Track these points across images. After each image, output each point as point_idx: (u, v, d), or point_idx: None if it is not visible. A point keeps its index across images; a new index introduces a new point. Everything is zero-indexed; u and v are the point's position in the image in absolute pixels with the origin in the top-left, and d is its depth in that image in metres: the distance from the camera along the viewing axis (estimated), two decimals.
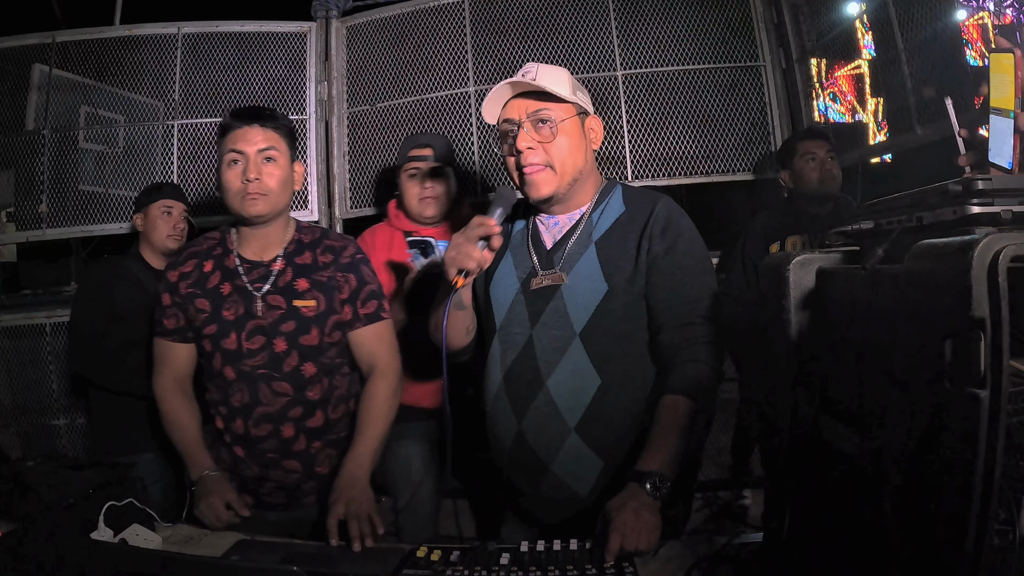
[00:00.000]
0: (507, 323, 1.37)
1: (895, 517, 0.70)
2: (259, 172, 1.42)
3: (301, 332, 1.47)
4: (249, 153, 1.42)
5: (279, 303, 1.47)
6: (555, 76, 1.33)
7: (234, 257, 1.50)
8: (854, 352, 0.82)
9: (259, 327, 1.46)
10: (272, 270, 1.49)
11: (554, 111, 1.31)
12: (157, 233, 2.28)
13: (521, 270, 1.39)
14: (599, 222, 1.36)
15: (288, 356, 1.46)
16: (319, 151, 3.03)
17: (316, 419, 1.50)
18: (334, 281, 1.50)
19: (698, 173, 2.81)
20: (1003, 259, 0.58)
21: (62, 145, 2.95)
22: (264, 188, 1.43)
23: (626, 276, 1.30)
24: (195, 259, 1.53)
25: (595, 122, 1.39)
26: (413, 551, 1.14)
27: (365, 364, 1.54)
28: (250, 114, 1.46)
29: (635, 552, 1.06)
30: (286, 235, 1.53)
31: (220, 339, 1.46)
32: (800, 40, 2.85)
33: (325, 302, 1.49)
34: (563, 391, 1.30)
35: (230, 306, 1.47)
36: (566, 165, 1.32)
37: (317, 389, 1.49)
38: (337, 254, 1.52)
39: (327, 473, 1.50)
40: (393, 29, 3.04)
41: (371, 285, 1.54)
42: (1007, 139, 1.06)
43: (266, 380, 1.45)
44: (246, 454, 1.48)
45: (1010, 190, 0.72)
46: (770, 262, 0.98)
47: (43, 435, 2.91)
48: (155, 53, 3.01)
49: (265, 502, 1.50)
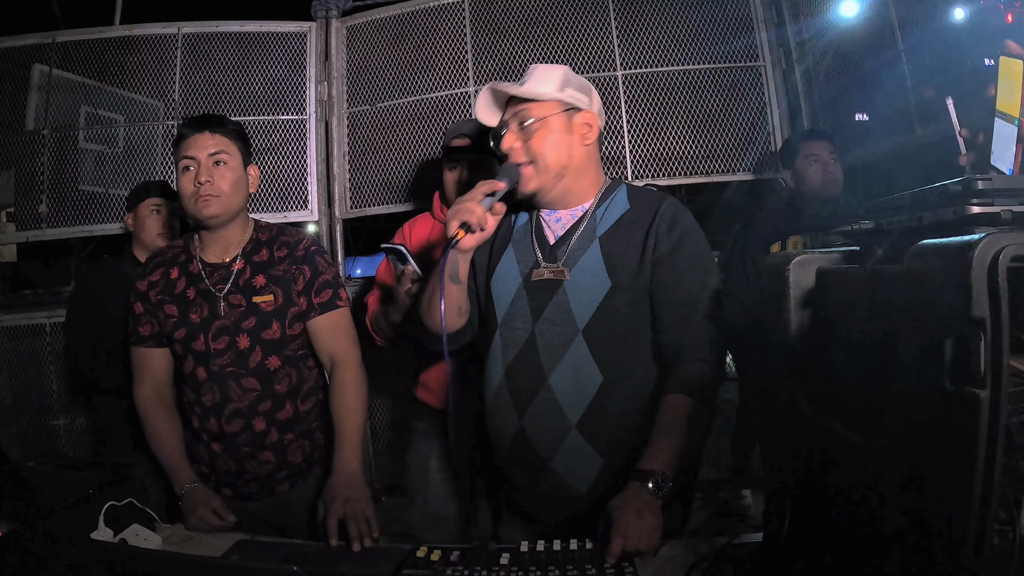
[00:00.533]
0: (508, 318, 1.37)
1: (895, 517, 0.70)
2: (210, 175, 1.47)
3: (262, 327, 1.51)
4: (200, 158, 1.47)
5: (240, 301, 1.52)
6: (545, 75, 1.34)
7: (197, 262, 1.56)
8: (854, 352, 0.82)
9: (223, 327, 1.51)
10: (232, 270, 1.54)
11: (535, 110, 1.33)
12: (147, 233, 2.26)
13: (523, 263, 1.39)
14: (603, 218, 1.36)
15: (252, 352, 1.51)
16: (319, 151, 3.03)
17: (286, 411, 1.54)
18: (289, 274, 1.55)
19: (698, 173, 2.81)
20: (1003, 259, 0.58)
21: (62, 145, 2.95)
22: (216, 190, 1.47)
23: (630, 272, 1.30)
24: (161, 267, 1.59)
25: (588, 117, 1.36)
26: (413, 551, 1.14)
27: (326, 355, 1.57)
28: (200, 121, 1.51)
29: (636, 553, 1.06)
30: (244, 235, 1.58)
31: (190, 342, 1.52)
32: (800, 40, 2.85)
33: (283, 295, 1.53)
34: (565, 388, 1.29)
35: (196, 309, 1.52)
36: (548, 160, 1.33)
37: (285, 382, 1.54)
38: (292, 248, 1.57)
39: (300, 461, 1.57)
40: (393, 29, 3.04)
41: (325, 275, 1.57)
42: (1010, 144, 1.06)
43: (234, 377, 1.50)
44: (223, 450, 1.53)
45: (1010, 190, 0.72)
46: (770, 262, 0.98)
47: (43, 435, 2.91)
48: (155, 53, 3.01)
49: (243, 493, 1.56)
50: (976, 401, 0.59)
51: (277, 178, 3.01)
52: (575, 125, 1.35)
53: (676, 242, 1.31)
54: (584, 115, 1.36)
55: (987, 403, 0.58)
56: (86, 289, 2.30)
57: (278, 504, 1.57)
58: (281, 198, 3.00)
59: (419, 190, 2.95)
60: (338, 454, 1.45)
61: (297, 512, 1.54)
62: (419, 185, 2.95)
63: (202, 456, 1.56)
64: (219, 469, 1.54)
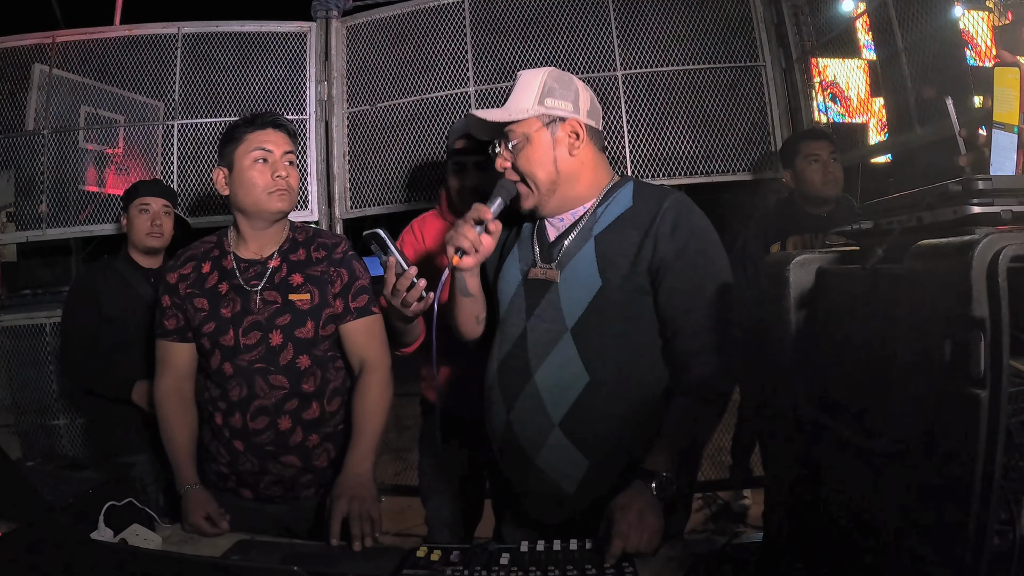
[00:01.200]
0: (507, 314, 1.39)
1: (895, 517, 0.70)
2: (287, 171, 1.51)
3: (296, 325, 1.51)
4: (277, 153, 1.50)
5: (275, 298, 1.52)
6: (525, 87, 1.33)
7: (231, 258, 1.56)
8: (854, 352, 0.82)
9: (256, 322, 1.50)
10: (268, 267, 1.54)
11: (516, 129, 1.32)
12: (136, 232, 2.24)
13: (524, 262, 1.40)
14: (602, 216, 1.35)
15: (284, 349, 1.50)
16: (319, 151, 3.03)
17: (312, 411, 1.53)
18: (327, 275, 1.55)
19: (698, 173, 2.81)
20: (1003, 259, 0.58)
21: (62, 145, 2.95)
22: (288, 186, 1.51)
23: (622, 273, 1.28)
24: (193, 261, 1.58)
25: (572, 125, 1.33)
26: (413, 551, 1.14)
27: (356, 358, 1.57)
28: (272, 118, 1.54)
29: (636, 554, 1.06)
30: (282, 235, 1.59)
31: (218, 336, 1.50)
32: (800, 40, 2.85)
33: (319, 295, 1.53)
34: (550, 385, 1.29)
35: (227, 304, 1.51)
36: (536, 178, 1.33)
37: (312, 382, 1.53)
38: (330, 250, 1.58)
39: (326, 466, 1.54)
40: (393, 29, 3.04)
41: (362, 280, 1.58)
42: (1010, 154, 1.05)
43: (262, 374, 1.49)
44: (245, 447, 1.51)
45: (1010, 190, 0.72)
46: (770, 262, 0.98)
47: (43, 435, 2.91)
48: (155, 53, 3.00)
49: (264, 495, 1.53)
50: (976, 401, 0.59)
51: None
52: (559, 138, 1.33)
53: (682, 244, 1.27)
54: (568, 125, 1.33)
55: (987, 403, 0.58)
56: (81, 291, 2.28)
57: (302, 510, 1.55)
58: None
59: (419, 190, 2.95)
60: (352, 452, 1.44)
61: (319, 522, 1.49)
62: (419, 185, 2.95)
63: (222, 455, 1.53)
64: (239, 469, 1.52)
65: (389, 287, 1.33)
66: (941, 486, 0.63)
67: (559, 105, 1.33)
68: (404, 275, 1.31)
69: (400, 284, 1.31)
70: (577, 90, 1.36)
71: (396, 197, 2.99)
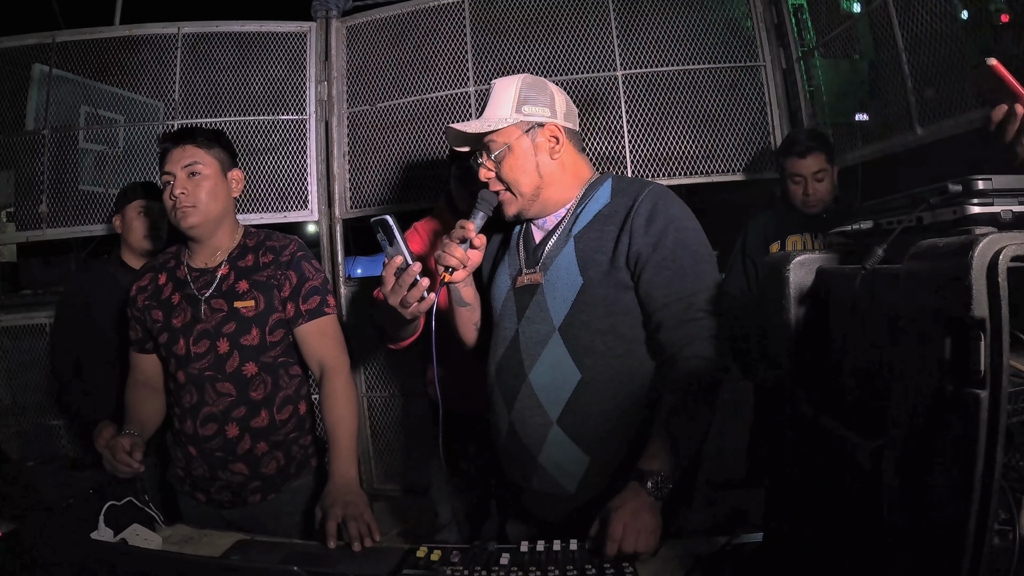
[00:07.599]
0: (500, 319, 1.43)
1: (895, 517, 0.70)
2: (185, 187, 1.51)
3: (242, 332, 1.52)
4: (175, 172, 1.51)
5: (221, 306, 1.53)
6: (500, 96, 1.35)
7: (184, 268, 1.59)
8: (854, 352, 0.82)
9: (204, 331, 1.53)
10: (217, 275, 1.56)
11: (496, 138, 1.34)
12: (134, 235, 2.18)
13: (512, 269, 1.43)
14: (581, 215, 1.36)
15: (230, 357, 1.52)
16: (319, 151, 3.03)
17: (260, 419, 1.54)
18: (274, 279, 1.55)
19: (698, 173, 2.81)
20: (1003, 259, 0.58)
21: (62, 145, 2.95)
22: (191, 201, 1.51)
23: (602, 269, 1.29)
24: (151, 273, 1.63)
25: (550, 130, 1.35)
26: (413, 551, 1.14)
27: (313, 362, 1.57)
28: (173, 136, 1.55)
29: (634, 554, 1.06)
30: (232, 241, 1.60)
31: (172, 345, 1.54)
32: (800, 40, 2.84)
33: (264, 301, 1.54)
34: (544, 384, 1.31)
35: (179, 314, 1.55)
36: (520, 185, 1.35)
37: (261, 389, 1.54)
38: (277, 253, 1.58)
39: (274, 474, 1.57)
40: (393, 29, 3.04)
41: (312, 281, 1.57)
42: None
43: (211, 381, 1.52)
44: (197, 453, 1.54)
45: (1010, 190, 0.72)
46: (770, 262, 0.98)
47: (43, 435, 2.91)
48: (155, 53, 3.01)
49: (215, 500, 1.57)
50: (976, 401, 0.59)
51: (277, 178, 3.00)
52: (539, 144, 1.34)
53: (658, 236, 1.26)
54: (546, 130, 1.35)
55: (987, 403, 0.58)
56: (71, 302, 2.22)
57: (249, 514, 1.57)
58: (281, 198, 3.00)
59: (419, 190, 2.95)
60: (334, 461, 1.44)
61: (266, 523, 1.54)
62: (419, 185, 2.95)
63: (179, 459, 1.59)
64: (193, 473, 1.56)
65: (388, 284, 1.27)
66: (941, 486, 0.63)
67: (536, 111, 1.34)
68: (407, 271, 1.25)
69: (403, 281, 1.25)
70: (552, 94, 1.37)
71: (396, 197, 2.99)
